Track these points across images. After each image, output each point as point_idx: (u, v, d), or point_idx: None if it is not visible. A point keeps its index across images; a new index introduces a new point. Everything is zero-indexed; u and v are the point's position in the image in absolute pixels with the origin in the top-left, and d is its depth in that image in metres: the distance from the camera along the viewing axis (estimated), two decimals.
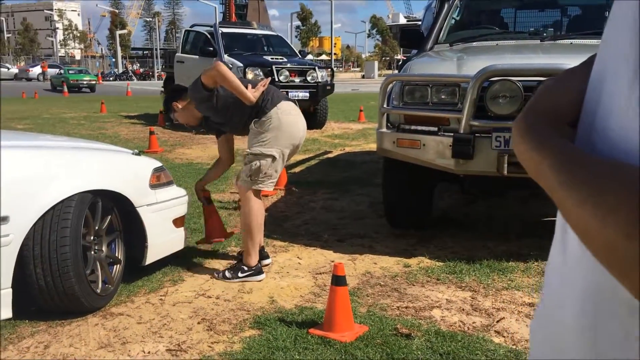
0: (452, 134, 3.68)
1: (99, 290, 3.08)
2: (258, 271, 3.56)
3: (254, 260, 3.54)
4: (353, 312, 2.90)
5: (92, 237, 3.14)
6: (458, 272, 3.63)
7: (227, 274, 3.55)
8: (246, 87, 3.47)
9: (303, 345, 2.68)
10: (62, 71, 34.69)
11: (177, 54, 12.83)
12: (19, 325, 2.89)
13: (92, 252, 3.14)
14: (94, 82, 32.12)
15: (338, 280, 2.80)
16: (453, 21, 5.16)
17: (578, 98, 0.46)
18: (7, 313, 2.68)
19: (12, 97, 22.75)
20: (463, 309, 3.12)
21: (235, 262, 3.69)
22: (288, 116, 3.55)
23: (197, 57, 11.48)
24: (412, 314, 3.05)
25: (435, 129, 3.79)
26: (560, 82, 0.49)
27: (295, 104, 3.70)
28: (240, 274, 3.52)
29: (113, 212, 3.27)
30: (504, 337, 2.81)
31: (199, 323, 2.97)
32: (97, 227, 3.17)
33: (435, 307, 3.14)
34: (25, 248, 2.77)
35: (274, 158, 3.49)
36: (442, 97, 3.81)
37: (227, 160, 3.95)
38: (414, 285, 3.46)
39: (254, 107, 3.50)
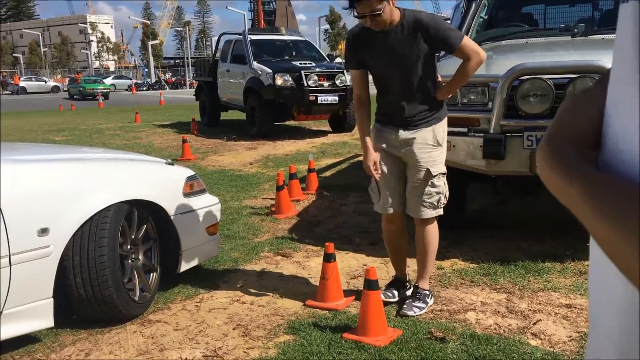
0: (482, 135, 3.65)
1: (136, 298, 3.15)
2: (431, 292, 3.29)
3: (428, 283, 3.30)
4: (386, 315, 2.90)
5: (128, 246, 3.22)
6: (492, 273, 3.59)
7: (419, 305, 3.13)
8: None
9: (337, 350, 2.70)
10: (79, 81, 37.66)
11: (221, 63, 12.87)
12: (60, 334, 2.97)
13: (129, 261, 3.22)
14: (107, 90, 34.37)
15: (371, 284, 2.81)
16: (481, 20, 5.11)
17: (599, 118, 0.46)
18: (49, 322, 2.77)
19: (50, 109, 23.39)
20: (498, 312, 3.08)
21: (412, 292, 3.25)
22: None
23: (242, 64, 11.52)
24: (447, 317, 3.04)
25: (465, 129, 3.76)
26: (580, 103, 0.48)
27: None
28: (427, 300, 3.19)
29: (148, 221, 3.34)
30: (541, 339, 2.77)
31: (234, 329, 3.01)
32: (133, 236, 3.25)
33: (470, 310, 3.12)
34: (65, 258, 2.85)
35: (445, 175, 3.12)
36: (472, 97, 3.78)
37: (367, 97, 3.14)
38: (447, 287, 3.44)
39: (435, 99, 3.04)
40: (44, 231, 2.73)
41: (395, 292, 3.26)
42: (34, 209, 2.72)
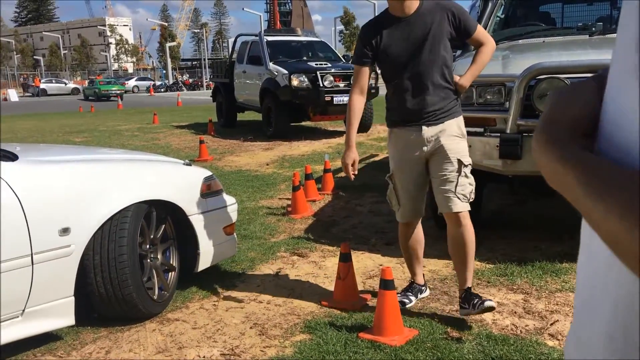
0: (499, 134, 3.64)
1: (155, 297, 3.20)
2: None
3: None
4: (402, 315, 2.91)
5: (147, 246, 3.26)
6: (509, 274, 3.58)
7: (479, 303, 2.92)
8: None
9: (353, 350, 2.71)
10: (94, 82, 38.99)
11: (237, 64, 12.87)
12: (81, 332, 3.03)
13: (148, 260, 3.26)
14: (120, 91, 35.25)
15: (386, 284, 2.82)
16: (498, 19, 5.09)
17: (593, 108, 0.46)
18: (70, 320, 2.82)
19: (70, 111, 23.69)
20: (515, 312, 3.07)
21: (470, 293, 3.00)
22: None
23: (258, 66, 11.53)
24: (463, 317, 3.03)
25: (482, 129, 3.75)
26: (574, 91, 0.48)
27: None
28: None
29: (167, 221, 3.38)
30: (558, 340, 2.75)
31: (251, 328, 3.04)
32: (152, 236, 3.29)
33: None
34: (86, 258, 2.90)
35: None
36: (488, 97, 3.77)
37: (366, 93, 3.12)
38: None
39: (453, 89, 3.00)
40: (65, 231, 2.78)
41: (413, 298, 3.24)
42: (55, 210, 2.78)
